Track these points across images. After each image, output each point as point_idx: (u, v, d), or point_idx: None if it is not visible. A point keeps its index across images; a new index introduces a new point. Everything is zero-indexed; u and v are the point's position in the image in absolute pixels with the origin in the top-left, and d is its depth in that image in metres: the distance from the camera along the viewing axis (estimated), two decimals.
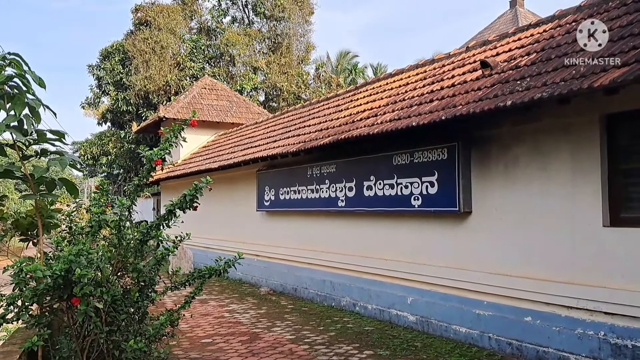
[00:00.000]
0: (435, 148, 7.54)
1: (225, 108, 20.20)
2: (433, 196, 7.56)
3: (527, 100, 5.67)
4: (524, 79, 6.30)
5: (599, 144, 5.80)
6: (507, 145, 6.81)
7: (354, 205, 9.22)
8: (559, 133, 6.22)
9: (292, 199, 11.14)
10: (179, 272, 5.51)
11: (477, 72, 7.59)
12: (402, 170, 8.12)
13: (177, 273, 5.44)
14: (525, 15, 19.28)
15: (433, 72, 9.23)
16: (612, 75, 5.04)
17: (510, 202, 6.73)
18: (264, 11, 30.59)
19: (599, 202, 5.75)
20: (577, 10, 7.50)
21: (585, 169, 5.90)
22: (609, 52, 5.57)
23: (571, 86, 5.34)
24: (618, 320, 5.50)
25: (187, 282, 5.30)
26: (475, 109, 6.29)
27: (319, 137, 9.57)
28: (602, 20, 6.57)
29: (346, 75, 37.19)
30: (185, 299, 5.33)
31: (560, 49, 6.52)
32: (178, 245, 5.14)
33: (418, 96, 8.27)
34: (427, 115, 7.18)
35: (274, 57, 29.94)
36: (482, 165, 7.11)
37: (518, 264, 6.55)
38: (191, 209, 4.95)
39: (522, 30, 8.40)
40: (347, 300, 9.56)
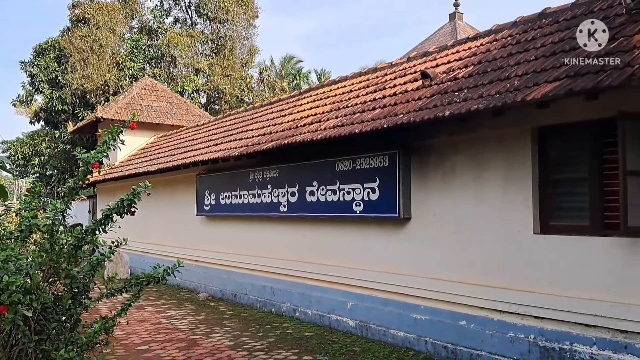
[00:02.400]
0: (377, 155, 7.67)
1: (166, 110, 19.79)
2: (374, 202, 7.68)
3: (464, 111, 5.87)
4: (461, 91, 6.51)
5: (530, 155, 6.06)
6: (445, 154, 7.01)
7: (296, 210, 9.23)
8: (493, 143, 6.45)
9: (233, 203, 11.03)
10: (115, 278, 5.34)
11: (417, 82, 7.78)
12: (344, 176, 8.20)
13: (113, 279, 5.27)
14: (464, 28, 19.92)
15: (376, 80, 9.39)
16: (543, 89, 5.28)
17: (448, 209, 6.93)
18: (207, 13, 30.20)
19: (529, 210, 6.01)
20: (513, 26, 7.82)
21: (517, 178, 6.16)
22: (542, 67, 5.84)
23: (505, 99, 5.56)
24: (547, 324, 5.76)
25: (123, 288, 5.14)
26: (416, 118, 6.45)
27: (262, 142, 9.54)
28: (536, 37, 6.90)
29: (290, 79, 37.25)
30: (121, 306, 5.17)
31: (496, 63, 6.78)
32: (114, 250, 4.99)
33: (361, 104, 8.38)
34: (369, 122, 7.29)
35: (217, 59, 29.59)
36: (421, 173, 7.29)
37: (454, 269, 6.74)
38: (129, 214, 4.81)
39: (461, 43, 8.67)
40: (287, 306, 9.55)
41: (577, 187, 5.84)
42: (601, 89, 4.78)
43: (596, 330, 5.34)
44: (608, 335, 5.25)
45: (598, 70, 5.01)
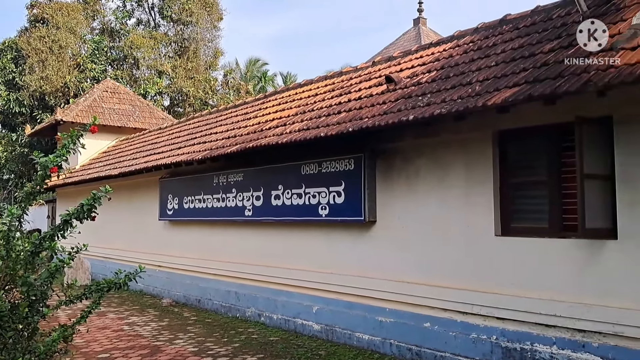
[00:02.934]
0: (343, 158, 7.69)
1: (128, 112, 19.44)
2: (340, 206, 7.70)
3: (428, 115, 5.94)
4: (425, 95, 6.59)
5: (491, 159, 6.18)
6: (410, 158, 7.08)
7: (261, 214, 9.18)
8: (456, 147, 6.55)
9: (197, 208, 10.91)
10: (75, 284, 5.21)
11: (382, 87, 7.85)
12: (310, 179, 8.20)
13: (72, 286, 5.14)
14: (428, 33, 20.20)
15: (341, 84, 9.43)
16: (504, 94, 5.40)
17: (412, 212, 7.00)
18: (170, 15, 29.82)
19: (491, 213, 6.12)
20: (474, 32, 7.97)
21: (479, 181, 6.26)
22: (502, 73, 5.97)
23: (467, 104, 5.66)
24: (508, 325, 5.87)
25: (83, 295, 5.01)
26: (381, 122, 6.50)
27: (226, 145, 9.46)
28: (496, 43, 7.04)
29: (255, 82, 37.09)
30: (81, 313, 5.04)
31: (458, 68, 6.90)
32: (74, 256, 4.86)
33: (326, 107, 8.41)
34: (335, 126, 7.31)
35: (181, 61, 29.23)
36: (386, 176, 7.35)
37: (418, 271, 6.81)
38: (89, 219, 4.70)
39: (424, 49, 8.79)
40: (252, 311, 9.48)
41: (536, 190, 5.97)
42: (559, 94, 4.91)
43: (556, 330, 5.47)
44: (567, 335, 5.38)
45: (556, 76, 5.14)
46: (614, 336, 5.03)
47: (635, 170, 4.99)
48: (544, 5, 7.20)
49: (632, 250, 4.96)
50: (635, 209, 4.97)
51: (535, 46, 6.20)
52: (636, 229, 4.95)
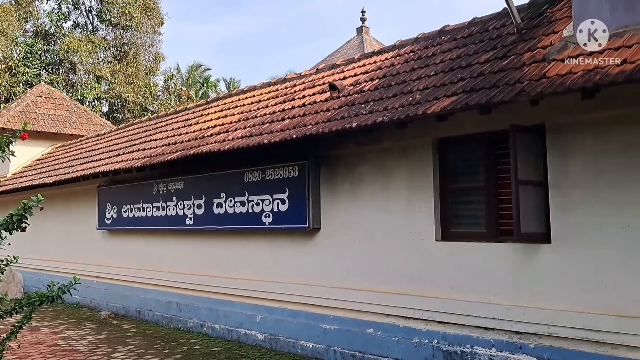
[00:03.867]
0: (287, 166, 7.66)
1: (64, 118, 18.71)
2: (284, 213, 7.66)
3: (371, 123, 6.01)
4: (367, 103, 6.67)
5: (432, 165, 6.31)
6: (353, 165, 7.13)
7: (203, 223, 9.01)
8: (398, 154, 6.65)
9: (137, 216, 10.60)
10: (5, 298, 4.93)
11: (326, 94, 7.89)
12: (253, 187, 8.12)
13: (2, 300, 4.86)
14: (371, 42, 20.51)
15: (285, 91, 9.41)
16: (442, 103, 5.53)
17: (355, 218, 7.04)
18: (109, 18, 29.02)
19: (431, 218, 6.24)
20: (415, 42, 8.14)
21: (420, 188, 6.38)
22: (441, 82, 6.11)
23: (408, 112, 5.76)
24: (449, 329, 5.99)
25: (14, 310, 4.75)
26: (324, 129, 6.52)
27: (167, 152, 9.25)
28: (435, 53, 7.22)
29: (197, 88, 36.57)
30: (11, 329, 4.78)
31: (400, 77, 7.02)
32: (4, 269, 4.61)
33: (270, 114, 8.36)
34: (278, 133, 7.28)
35: (120, 66, 28.47)
36: (330, 183, 7.37)
37: (362, 277, 6.85)
38: (19, 230, 4.46)
39: (367, 57, 8.91)
40: (194, 321, 9.28)
41: (474, 195, 6.14)
42: (494, 103, 5.07)
43: (494, 332, 5.62)
44: (505, 337, 5.54)
45: (491, 86, 5.31)
46: (549, 337, 5.21)
47: (566, 177, 5.21)
48: (481, 17, 7.44)
49: (565, 254, 5.17)
50: (566, 214, 5.18)
51: (472, 57, 6.39)
52: (568, 233, 5.16)
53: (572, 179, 5.17)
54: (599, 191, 4.98)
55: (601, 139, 5.01)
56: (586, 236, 5.03)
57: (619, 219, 4.84)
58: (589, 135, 5.09)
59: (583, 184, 5.09)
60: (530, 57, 5.53)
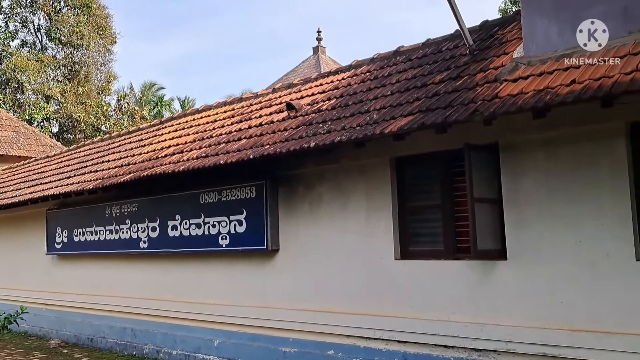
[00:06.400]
0: (244, 186, 7.56)
1: (11, 139, 18.07)
2: (241, 235, 7.54)
3: (329, 142, 5.99)
4: (325, 122, 6.67)
5: (390, 184, 6.33)
6: (312, 184, 7.09)
7: (157, 246, 8.78)
8: (356, 173, 6.66)
9: (89, 240, 10.25)
10: None
11: (283, 113, 7.85)
12: (209, 208, 7.97)
13: None
14: (327, 61, 20.71)
15: (241, 110, 9.33)
16: (399, 123, 5.57)
17: (315, 239, 6.98)
18: (59, 37, 28.31)
19: (390, 237, 6.25)
20: (371, 62, 8.23)
21: (379, 207, 6.39)
22: (398, 102, 6.17)
23: (366, 131, 5.78)
24: (410, 348, 5.96)
25: None
26: (282, 149, 6.47)
27: (120, 174, 9.00)
28: (391, 73, 7.30)
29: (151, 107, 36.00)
30: None
31: (357, 96, 7.05)
32: None
33: (226, 134, 8.26)
34: (235, 153, 7.18)
35: (71, 85, 27.74)
36: (289, 204, 7.30)
37: (322, 299, 6.77)
38: None
39: (324, 77, 8.94)
40: (150, 348, 8.98)
41: (432, 213, 6.19)
42: (449, 123, 5.14)
43: (454, 350, 5.63)
44: (465, 355, 5.55)
45: (446, 105, 5.39)
46: (508, 353, 5.25)
47: (519, 194, 5.31)
48: (434, 38, 7.59)
49: (520, 270, 5.24)
50: (521, 231, 5.27)
51: (427, 77, 6.49)
52: (523, 249, 5.25)
53: (525, 196, 5.27)
54: (551, 208, 5.09)
55: (552, 157, 5.14)
56: (540, 252, 5.13)
57: (571, 235, 4.95)
58: (540, 153, 5.22)
59: (536, 200, 5.20)
60: (482, 77, 5.65)
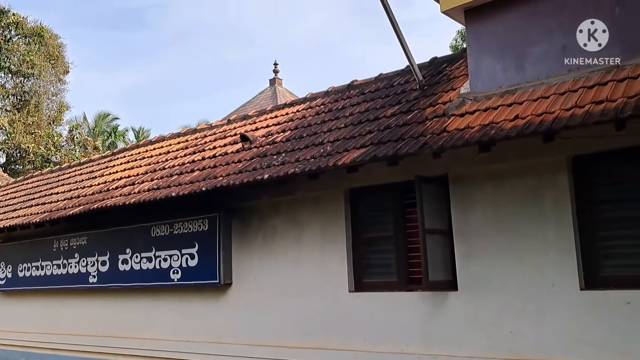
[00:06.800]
0: (196, 219, 7.47)
1: None
2: (193, 269, 7.40)
3: (282, 174, 6.01)
4: (280, 154, 6.69)
5: (344, 216, 6.36)
6: (266, 216, 7.06)
7: (107, 281, 8.53)
8: (311, 205, 6.67)
9: (35, 275, 9.86)
10: None
11: (237, 145, 7.84)
12: (161, 242, 7.83)
13: None
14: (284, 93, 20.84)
15: (195, 142, 9.27)
16: (352, 155, 5.64)
17: (268, 272, 6.91)
18: (9, 66, 27.59)
19: (345, 269, 6.24)
20: (325, 95, 8.34)
21: (333, 239, 6.39)
22: (351, 135, 6.26)
23: (319, 163, 5.82)
24: None
25: None
26: (235, 181, 6.44)
27: (68, 207, 8.74)
28: (345, 106, 7.41)
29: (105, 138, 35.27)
30: None
31: (311, 129, 7.12)
32: None
33: (179, 165, 8.18)
34: (187, 185, 7.11)
35: (20, 115, 26.95)
36: (242, 236, 7.23)
37: (276, 333, 6.67)
38: None
39: (279, 109, 8.99)
40: None
41: (385, 245, 6.22)
42: (400, 155, 5.24)
43: None
44: None
45: (397, 139, 5.51)
46: None
47: (468, 225, 5.42)
48: (386, 73, 7.78)
49: (470, 301, 5.31)
50: (471, 261, 5.36)
51: (379, 110, 6.62)
52: (473, 280, 5.33)
53: (474, 228, 5.38)
54: (499, 239, 5.21)
55: (499, 190, 5.28)
56: (489, 283, 5.21)
57: (518, 266, 5.06)
58: (488, 186, 5.35)
59: (484, 232, 5.31)
60: (432, 111, 5.81)
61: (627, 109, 4.07)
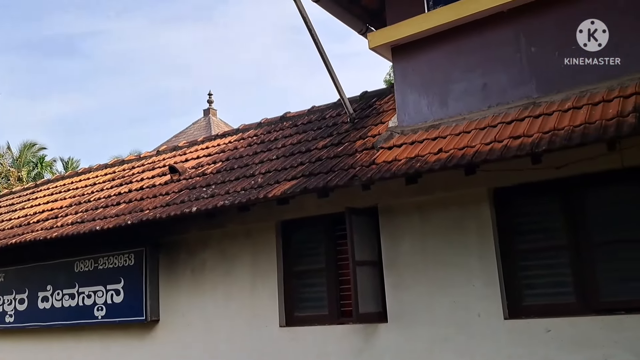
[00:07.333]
0: (122, 253, 7.21)
1: None
2: (119, 305, 7.11)
3: (211, 207, 5.90)
4: (209, 186, 6.58)
5: (275, 249, 6.30)
6: (195, 250, 6.89)
7: (26, 320, 8.05)
8: (242, 238, 6.56)
9: None
10: None
11: (166, 177, 7.66)
12: (84, 278, 7.50)
13: None
14: (218, 124, 20.64)
15: (122, 173, 9.00)
16: (283, 187, 5.62)
17: (198, 307, 6.71)
18: None
19: (275, 304, 6.15)
20: (258, 126, 8.33)
21: (264, 272, 6.30)
22: (282, 166, 6.25)
23: (250, 195, 5.76)
24: None
25: None
26: (162, 214, 6.26)
27: None
28: (278, 138, 7.41)
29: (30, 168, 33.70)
30: None
31: (243, 160, 7.07)
32: None
33: (105, 198, 7.90)
34: (112, 219, 6.85)
35: None
36: (170, 271, 7.02)
37: None
38: None
39: (210, 140, 8.90)
40: None
41: (317, 277, 6.18)
42: (330, 187, 5.26)
43: None
44: None
45: (328, 171, 5.54)
46: None
47: (398, 257, 5.48)
48: (319, 105, 7.88)
49: (400, 332, 5.32)
50: (400, 292, 5.40)
51: (311, 142, 6.66)
52: (402, 311, 5.35)
53: (403, 259, 5.44)
54: (427, 270, 5.28)
55: (426, 221, 5.38)
56: (418, 314, 5.26)
57: (445, 296, 5.14)
58: (415, 217, 5.45)
59: (413, 263, 5.38)
60: (362, 144, 5.90)
61: (542, 144, 4.27)
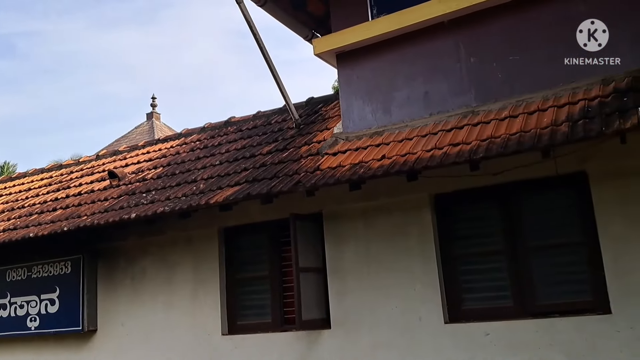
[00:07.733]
0: (58, 261, 6.96)
1: None
2: (54, 315, 6.84)
3: (151, 213, 5.75)
4: (149, 192, 6.41)
5: (217, 256, 6.19)
6: (135, 258, 6.70)
7: None
8: (183, 245, 6.42)
9: None
10: None
11: (105, 182, 7.43)
12: (17, 287, 7.19)
13: None
14: (161, 128, 20.20)
15: (60, 178, 8.66)
16: (225, 193, 5.54)
17: (137, 317, 6.53)
18: None
19: (217, 312, 6.04)
20: (202, 131, 8.19)
21: (206, 280, 6.18)
22: (226, 172, 6.15)
23: (191, 201, 5.65)
24: None
25: None
26: (100, 220, 6.06)
27: None
28: (222, 143, 7.31)
29: None
30: None
31: (185, 165, 6.93)
32: None
33: (40, 204, 7.58)
34: (48, 225, 6.58)
35: None
36: (109, 279, 6.79)
37: None
38: None
39: (152, 144, 8.68)
40: None
41: (260, 285, 6.12)
42: (274, 193, 5.23)
43: None
44: None
45: (272, 176, 5.50)
46: None
47: (342, 262, 5.48)
48: (265, 110, 7.82)
49: (343, 338, 5.33)
50: (343, 299, 5.41)
51: (256, 148, 6.60)
52: (345, 317, 5.36)
53: (347, 265, 5.45)
54: (370, 275, 5.31)
55: (370, 226, 5.42)
56: (361, 319, 5.28)
57: (388, 301, 5.18)
58: (360, 223, 5.48)
59: (357, 268, 5.40)
60: (307, 150, 5.89)
61: (480, 151, 4.38)
